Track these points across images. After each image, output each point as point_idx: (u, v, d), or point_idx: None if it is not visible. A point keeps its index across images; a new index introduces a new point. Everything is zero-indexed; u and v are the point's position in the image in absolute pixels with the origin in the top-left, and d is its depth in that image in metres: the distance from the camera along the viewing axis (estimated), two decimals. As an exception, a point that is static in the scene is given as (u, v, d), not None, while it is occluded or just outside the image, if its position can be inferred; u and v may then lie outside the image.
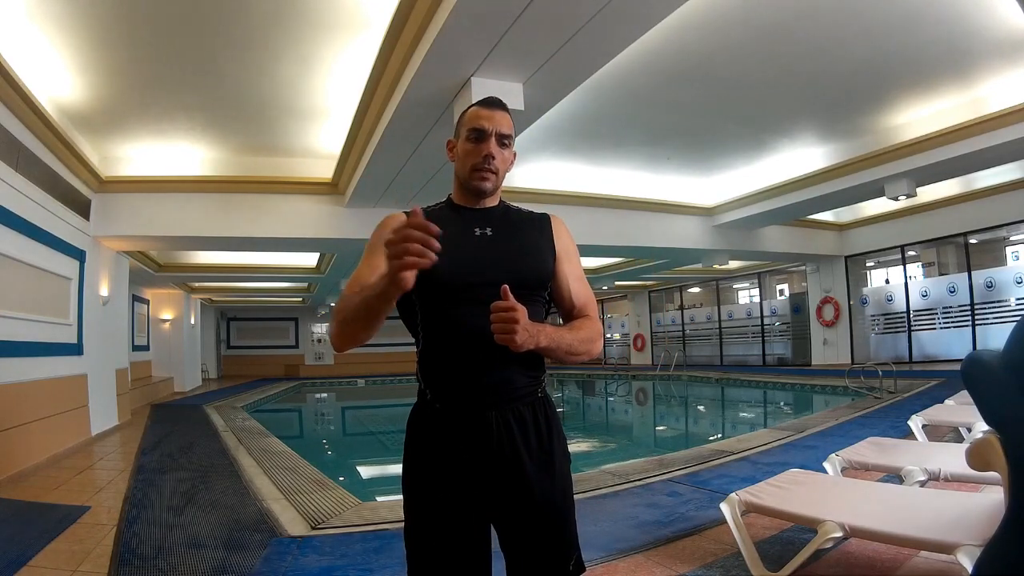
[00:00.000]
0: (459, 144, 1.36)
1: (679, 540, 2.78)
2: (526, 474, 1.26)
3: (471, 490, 1.26)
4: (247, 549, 2.88)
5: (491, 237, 1.33)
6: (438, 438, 1.29)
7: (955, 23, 5.06)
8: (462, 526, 1.26)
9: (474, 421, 1.26)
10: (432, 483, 1.28)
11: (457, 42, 3.80)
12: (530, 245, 1.36)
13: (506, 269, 1.28)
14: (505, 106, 1.37)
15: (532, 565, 1.29)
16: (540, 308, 1.37)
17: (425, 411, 1.32)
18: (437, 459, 1.28)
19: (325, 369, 22.07)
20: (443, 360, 1.30)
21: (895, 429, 5.18)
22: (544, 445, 1.30)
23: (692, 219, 10.23)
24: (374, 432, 10.36)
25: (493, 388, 1.27)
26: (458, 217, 1.36)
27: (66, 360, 6.28)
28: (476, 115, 1.34)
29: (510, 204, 1.44)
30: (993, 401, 1.45)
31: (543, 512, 1.28)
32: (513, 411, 1.28)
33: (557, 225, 1.43)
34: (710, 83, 5.94)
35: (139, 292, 12.76)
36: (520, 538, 1.29)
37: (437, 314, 1.31)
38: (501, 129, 1.33)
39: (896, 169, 7.63)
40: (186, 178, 7.23)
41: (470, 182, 1.34)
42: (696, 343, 17.97)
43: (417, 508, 1.29)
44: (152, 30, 4.50)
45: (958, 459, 2.29)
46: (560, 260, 1.40)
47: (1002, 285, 10.60)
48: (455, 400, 1.28)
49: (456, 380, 1.28)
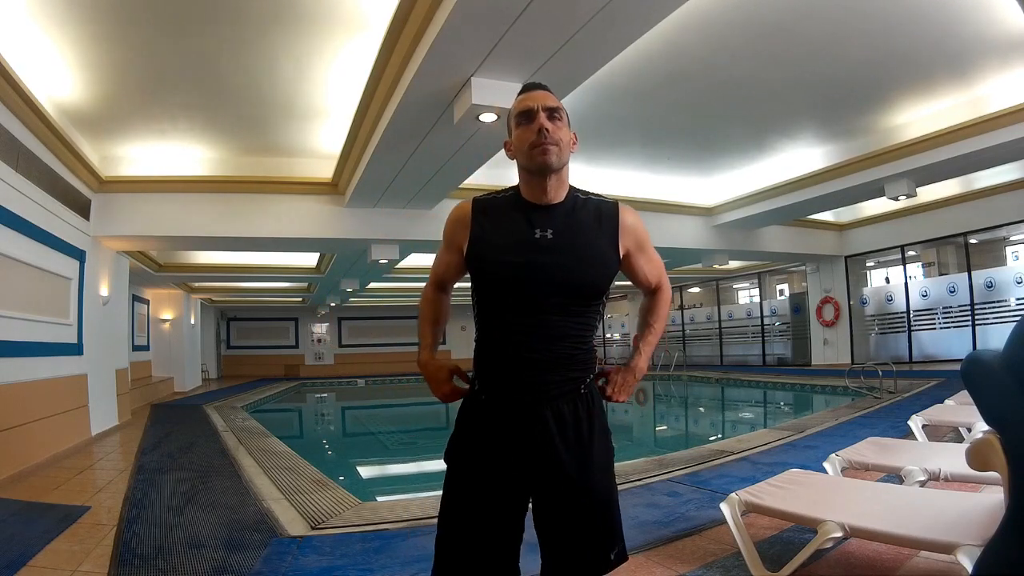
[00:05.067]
0: (513, 136, 1.36)
1: (679, 540, 2.78)
2: (562, 465, 1.30)
3: (508, 473, 1.30)
4: (247, 549, 2.88)
5: (551, 241, 1.30)
6: (482, 426, 1.34)
7: (955, 23, 5.06)
8: (497, 503, 1.31)
9: (515, 414, 1.31)
10: (474, 464, 1.33)
11: (457, 42, 3.80)
12: (590, 253, 1.33)
13: (561, 281, 1.28)
14: (544, 85, 1.38)
15: (570, 552, 1.32)
16: (595, 315, 1.37)
17: (474, 400, 1.38)
18: (480, 444, 1.33)
19: (325, 369, 22.08)
20: (491, 356, 1.35)
21: (895, 429, 5.18)
22: (583, 439, 1.33)
23: (692, 219, 10.23)
24: (374, 432, 10.35)
25: (534, 387, 1.30)
26: (520, 216, 1.34)
27: (66, 360, 6.28)
28: (519, 102, 1.35)
29: (579, 195, 1.39)
30: (993, 401, 1.45)
31: (579, 502, 1.31)
32: (552, 407, 1.31)
33: (625, 217, 1.39)
34: (710, 83, 5.94)
35: (139, 292, 12.76)
36: (557, 526, 1.32)
37: (490, 313, 1.34)
38: (546, 103, 1.32)
39: (896, 169, 7.63)
40: (186, 178, 7.22)
41: (533, 161, 1.30)
42: (696, 343, 17.96)
43: (456, 486, 1.35)
44: (152, 30, 4.50)
45: (958, 459, 2.30)
46: (631, 255, 1.41)
47: (1002, 285, 10.59)
48: (499, 393, 1.33)
49: (501, 376, 1.32)
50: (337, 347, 23.09)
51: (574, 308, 1.31)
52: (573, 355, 1.32)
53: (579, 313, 1.32)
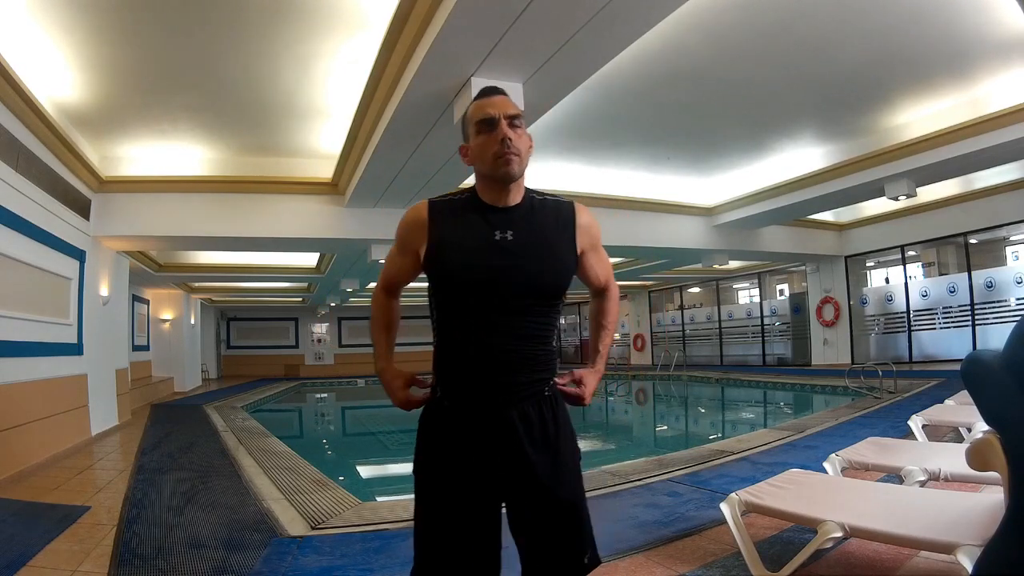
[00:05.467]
0: (472, 142, 1.35)
1: (679, 540, 2.78)
2: (532, 467, 1.29)
3: (479, 481, 1.29)
4: (247, 549, 2.88)
5: (511, 243, 1.30)
6: (447, 433, 1.32)
7: (955, 23, 5.06)
8: (471, 514, 1.29)
9: (480, 419, 1.29)
10: (442, 474, 1.31)
11: (457, 42, 3.80)
12: (550, 252, 1.33)
13: (523, 281, 1.29)
14: (503, 91, 1.36)
15: (545, 557, 1.31)
16: (556, 314, 1.38)
17: (435, 407, 1.36)
18: (446, 452, 1.31)
19: (325, 369, 22.08)
20: (453, 359, 1.33)
21: (895, 429, 5.18)
22: (549, 440, 1.32)
23: (692, 219, 10.23)
24: (374, 432, 10.35)
25: (500, 389, 1.29)
26: (480, 219, 1.33)
27: (66, 360, 6.28)
28: (478, 107, 1.33)
29: (535, 196, 1.40)
30: (993, 401, 1.45)
31: (552, 504, 1.30)
32: (518, 409, 1.30)
33: (581, 217, 1.40)
34: (710, 83, 5.93)
35: (139, 292, 12.76)
36: (531, 530, 1.31)
37: (450, 316, 1.33)
38: (508, 111, 1.31)
39: (896, 169, 7.63)
40: (186, 178, 7.22)
41: (496, 171, 1.30)
42: (696, 343, 17.96)
43: (427, 499, 1.33)
44: (152, 30, 4.50)
45: (958, 459, 2.29)
46: (585, 254, 1.42)
47: (1002, 285, 10.59)
48: (463, 399, 1.31)
49: (464, 379, 1.31)
50: (337, 347, 23.09)
51: (536, 308, 1.31)
52: (537, 355, 1.32)
53: (542, 313, 1.32)
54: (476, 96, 1.37)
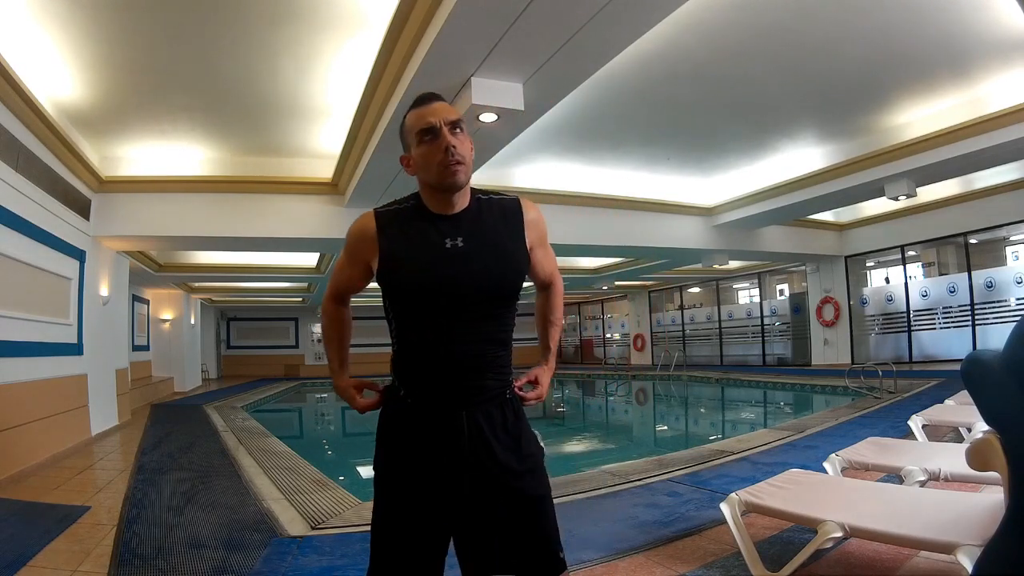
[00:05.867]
0: (413, 153, 1.32)
1: (679, 540, 2.78)
2: (500, 463, 1.29)
3: (442, 482, 1.28)
4: (247, 549, 2.88)
5: (462, 249, 1.29)
6: (410, 433, 1.32)
7: (955, 23, 5.06)
8: (432, 515, 1.28)
9: (446, 418, 1.29)
10: (405, 473, 1.30)
11: (457, 42, 3.80)
12: (501, 253, 1.32)
13: (478, 287, 1.28)
14: (438, 96, 1.34)
15: (520, 553, 1.28)
16: (513, 314, 1.37)
17: (398, 406, 1.35)
18: (410, 452, 1.31)
19: (325, 369, 21.93)
20: (413, 363, 1.33)
21: (895, 429, 5.18)
22: (512, 438, 1.33)
23: (692, 219, 10.23)
24: (374, 432, 10.34)
25: (463, 392, 1.29)
26: (428, 227, 1.31)
27: (66, 360, 6.28)
28: (418, 117, 1.31)
29: (482, 196, 1.38)
30: (993, 401, 1.45)
31: (523, 500, 1.30)
32: (483, 411, 1.30)
33: (528, 213, 1.40)
34: (710, 83, 5.93)
35: (139, 292, 12.76)
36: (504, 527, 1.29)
37: (409, 327, 1.33)
38: (449, 117, 1.29)
39: (896, 169, 7.63)
40: (186, 178, 7.22)
41: (443, 182, 1.28)
42: (696, 343, 17.96)
43: (388, 498, 1.32)
44: (153, 30, 4.50)
45: (958, 459, 2.30)
46: (534, 249, 1.41)
47: (1002, 285, 10.60)
48: (428, 399, 1.31)
49: (426, 383, 1.31)
50: (337, 347, 23.06)
51: (492, 311, 1.31)
52: (497, 357, 1.32)
53: (499, 316, 1.32)
54: (413, 104, 1.34)
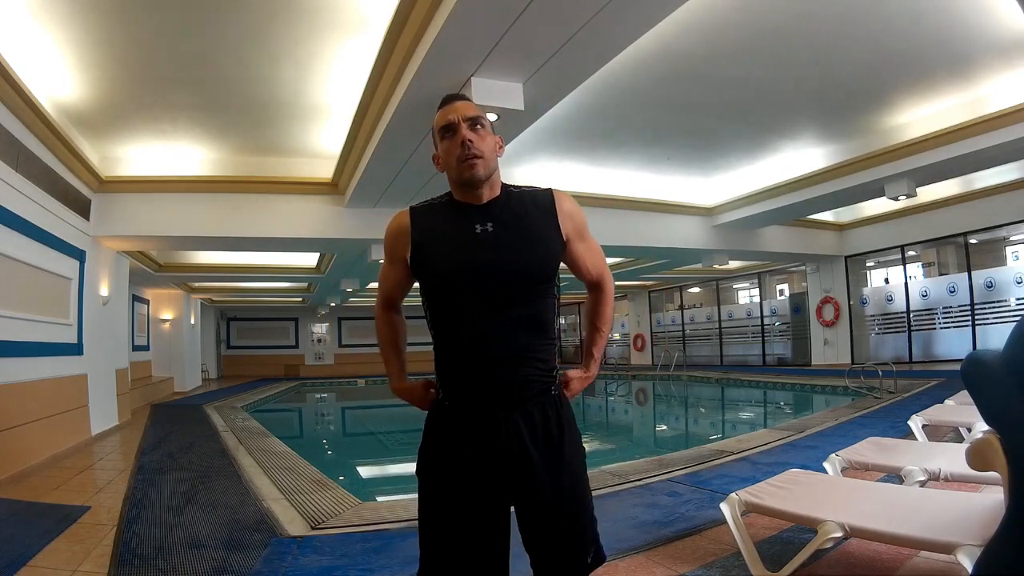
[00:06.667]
0: (440, 150, 1.36)
1: (679, 540, 2.78)
2: (535, 471, 1.28)
3: (483, 484, 1.28)
4: (247, 549, 2.88)
5: (493, 234, 1.30)
6: (450, 435, 1.32)
7: (955, 24, 5.06)
8: (475, 517, 1.29)
9: (482, 420, 1.28)
10: (445, 477, 1.31)
11: (457, 42, 3.80)
12: (534, 239, 1.32)
13: (510, 270, 1.28)
14: (462, 96, 1.38)
15: (550, 558, 1.31)
16: (551, 300, 1.35)
17: (438, 408, 1.36)
18: (449, 455, 1.31)
19: (325, 369, 22.07)
20: (452, 360, 1.33)
21: (895, 429, 5.18)
22: (553, 442, 1.31)
23: (692, 219, 10.23)
24: (374, 432, 10.35)
25: (501, 388, 1.28)
26: (458, 215, 1.34)
27: (66, 360, 6.28)
28: (440, 115, 1.35)
29: (512, 189, 1.40)
30: (993, 401, 1.45)
31: (554, 507, 1.30)
32: (522, 411, 1.29)
33: (561, 202, 1.39)
34: (710, 83, 5.93)
35: (139, 292, 12.76)
36: (536, 532, 1.31)
37: (443, 316, 1.33)
38: (467, 113, 1.32)
39: (896, 169, 7.63)
40: (186, 178, 7.22)
41: (461, 176, 1.31)
42: (696, 343, 17.96)
43: (431, 502, 1.34)
44: (152, 30, 4.50)
45: (958, 459, 2.30)
46: (571, 241, 1.40)
47: (1002, 285, 10.59)
48: (464, 399, 1.30)
49: (465, 380, 1.30)
50: (337, 347, 23.09)
51: (525, 296, 1.29)
52: (532, 345, 1.30)
53: (532, 301, 1.30)
54: (439, 105, 1.38)
